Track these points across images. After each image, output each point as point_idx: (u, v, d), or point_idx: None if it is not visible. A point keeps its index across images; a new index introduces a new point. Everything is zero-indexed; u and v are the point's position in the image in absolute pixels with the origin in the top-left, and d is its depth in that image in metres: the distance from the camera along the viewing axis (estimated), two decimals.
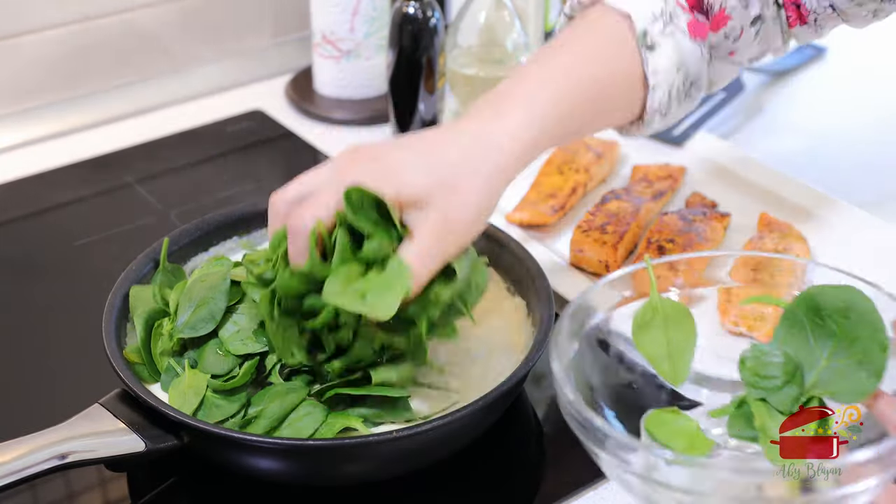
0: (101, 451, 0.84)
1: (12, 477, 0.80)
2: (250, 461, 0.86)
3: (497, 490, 0.90)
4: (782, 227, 1.15)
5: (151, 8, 1.43)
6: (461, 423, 0.85)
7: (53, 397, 0.98)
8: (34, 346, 1.06)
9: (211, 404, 0.88)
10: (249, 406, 0.88)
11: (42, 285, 1.14)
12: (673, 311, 0.83)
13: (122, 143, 1.37)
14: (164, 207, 1.25)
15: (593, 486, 0.90)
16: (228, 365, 0.90)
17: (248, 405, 0.89)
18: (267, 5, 1.52)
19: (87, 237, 1.20)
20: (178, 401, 0.88)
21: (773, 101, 1.47)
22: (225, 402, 0.88)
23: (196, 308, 0.91)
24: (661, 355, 0.82)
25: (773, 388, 0.78)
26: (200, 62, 1.49)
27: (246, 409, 0.88)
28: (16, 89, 1.38)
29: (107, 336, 0.91)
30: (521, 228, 1.17)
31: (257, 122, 1.42)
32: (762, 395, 0.78)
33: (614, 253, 1.10)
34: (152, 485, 0.90)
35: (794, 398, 0.78)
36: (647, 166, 1.26)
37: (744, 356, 0.80)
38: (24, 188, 1.29)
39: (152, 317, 0.93)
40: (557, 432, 0.96)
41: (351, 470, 0.88)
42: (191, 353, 0.92)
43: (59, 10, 1.36)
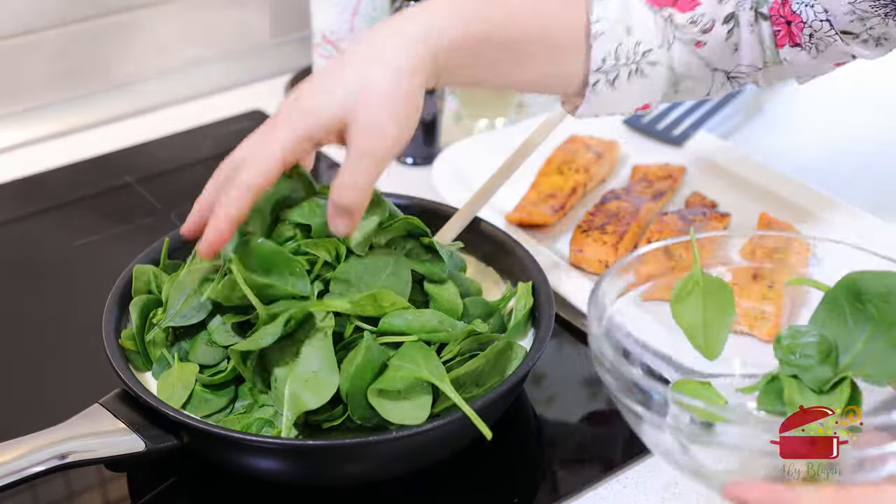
0: (101, 450, 0.83)
1: (12, 477, 0.79)
2: (250, 461, 0.86)
3: (497, 489, 0.90)
4: (782, 226, 1.15)
5: (152, 8, 1.43)
6: (462, 423, 0.84)
7: (54, 397, 0.98)
8: (34, 346, 1.05)
9: (200, 398, 0.88)
10: (237, 400, 0.89)
11: (42, 285, 1.13)
12: (712, 285, 0.84)
13: (122, 143, 1.37)
14: (164, 207, 1.25)
15: (593, 485, 0.90)
16: (218, 356, 0.90)
17: (236, 399, 0.89)
18: (267, 6, 1.51)
19: (87, 237, 1.20)
20: (167, 393, 0.88)
21: (772, 100, 1.47)
22: (214, 396, 0.88)
23: (187, 298, 0.91)
24: (697, 328, 0.83)
25: (807, 367, 0.79)
26: (201, 62, 1.48)
27: (233, 403, 0.89)
28: (16, 89, 1.37)
29: (106, 336, 0.91)
30: (521, 228, 1.17)
31: (257, 122, 1.39)
32: (795, 372, 0.80)
33: (614, 253, 1.10)
34: (152, 485, 0.90)
35: (827, 377, 0.79)
36: (646, 166, 1.26)
37: (780, 335, 0.81)
38: (24, 188, 1.29)
39: (147, 306, 0.93)
40: (557, 432, 0.95)
41: (351, 470, 0.87)
42: (183, 343, 0.91)
43: (59, 9, 1.36)
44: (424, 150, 1.30)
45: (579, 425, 0.96)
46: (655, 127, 1.33)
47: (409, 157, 1.31)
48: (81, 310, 1.05)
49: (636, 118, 1.34)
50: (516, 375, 0.88)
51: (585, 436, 0.95)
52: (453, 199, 1.17)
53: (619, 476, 0.91)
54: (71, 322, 1.07)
